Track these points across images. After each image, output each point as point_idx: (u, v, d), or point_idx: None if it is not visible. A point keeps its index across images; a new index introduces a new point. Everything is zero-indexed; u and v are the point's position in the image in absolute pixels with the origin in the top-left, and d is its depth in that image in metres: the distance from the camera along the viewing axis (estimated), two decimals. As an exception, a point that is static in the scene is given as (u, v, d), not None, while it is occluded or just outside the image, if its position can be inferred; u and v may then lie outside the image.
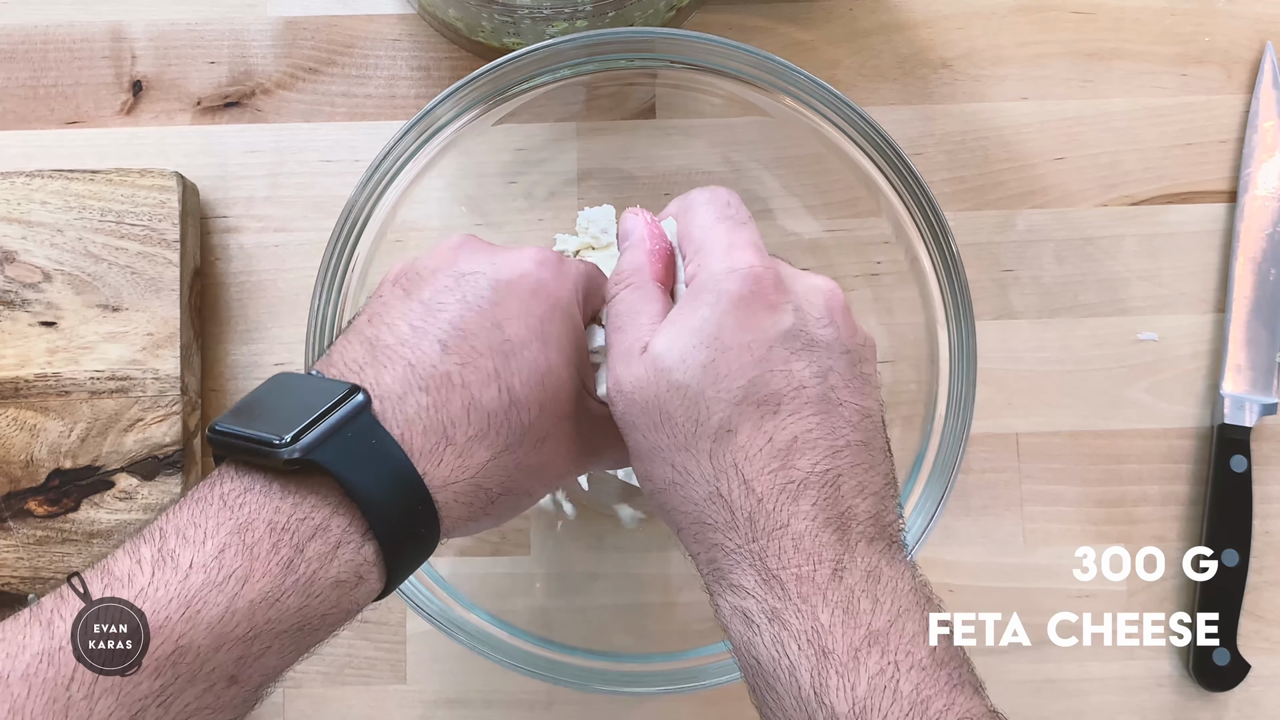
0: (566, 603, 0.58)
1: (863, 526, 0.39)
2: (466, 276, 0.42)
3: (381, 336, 0.41)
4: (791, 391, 0.40)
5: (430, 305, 0.41)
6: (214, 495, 0.37)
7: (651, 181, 0.60)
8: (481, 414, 0.40)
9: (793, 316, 0.41)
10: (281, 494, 0.36)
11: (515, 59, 0.52)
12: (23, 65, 0.62)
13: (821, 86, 0.52)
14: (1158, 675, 0.59)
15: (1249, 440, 0.59)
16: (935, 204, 0.52)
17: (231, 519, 0.36)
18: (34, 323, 0.57)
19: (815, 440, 0.39)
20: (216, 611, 0.34)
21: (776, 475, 0.39)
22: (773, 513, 0.39)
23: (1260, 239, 0.60)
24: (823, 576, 0.38)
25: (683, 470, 0.40)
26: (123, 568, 0.35)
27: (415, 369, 0.40)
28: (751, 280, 0.41)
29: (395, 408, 0.39)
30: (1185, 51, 0.62)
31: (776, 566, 0.38)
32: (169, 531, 0.36)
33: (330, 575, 0.36)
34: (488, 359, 0.40)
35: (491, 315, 0.41)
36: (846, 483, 0.39)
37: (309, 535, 0.36)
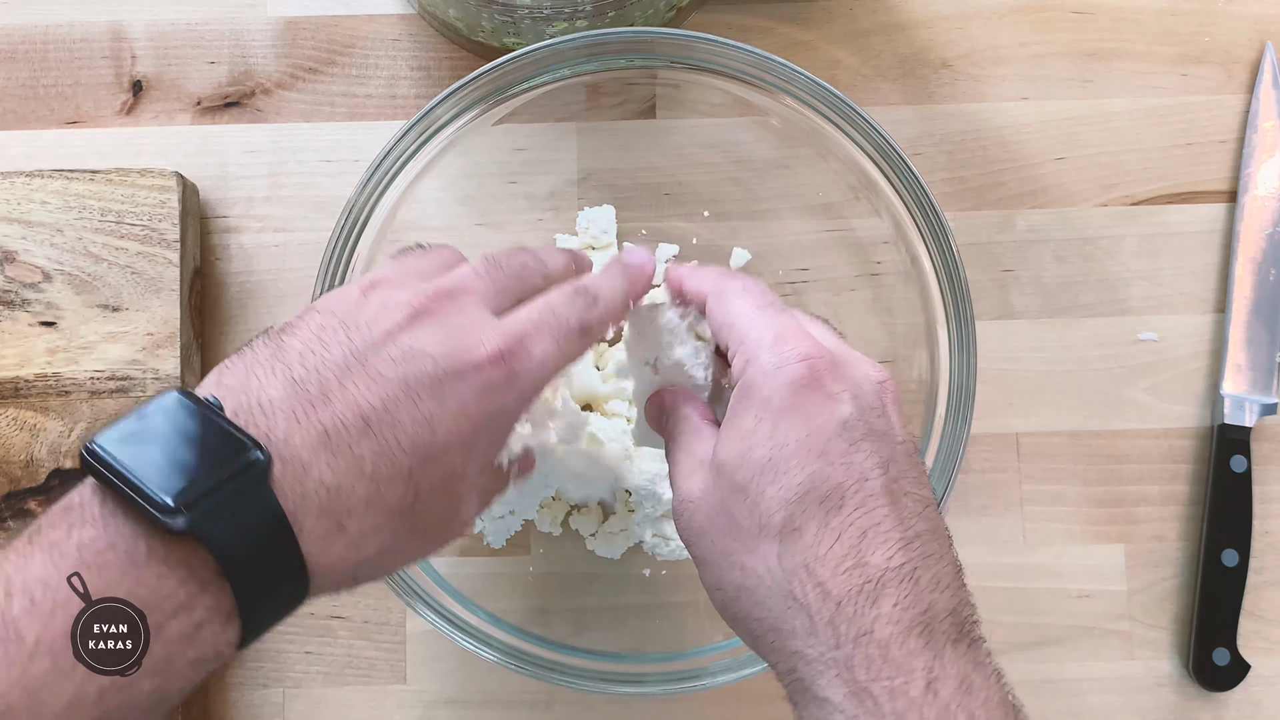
0: (566, 603, 0.58)
1: (945, 626, 0.37)
2: (415, 358, 0.38)
3: (307, 385, 0.36)
4: (855, 484, 0.38)
5: (370, 371, 0.37)
6: (70, 546, 0.32)
7: (651, 181, 0.60)
8: (381, 511, 0.37)
9: (851, 406, 0.40)
10: (147, 561, 0.32)
11: (515, 59, 0.52)
12: (23, 65, 0.62)
13: (821, 86, 0.52)
14: (1158, 675, 0.59)
15: (1249, 440, 0.59)
16: (935, 204, 0.52)
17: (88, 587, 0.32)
18: (34, 323, 0.57)
19: (886, 533, 0.38)
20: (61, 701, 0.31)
21: (852, 575, 0.37)
22: (854, 617, 0.37)
23: (1260, 239, 0.60)
24: (916, 690, 0.35)
25: (752, 574, 0.39)
26: None
27: (330, 440, 0.36)
28: (805, 371, 0.40)
29: (296, 479, 0.35)
30: (1185, 51, 0.62)
31: (865, 679, 0.36)
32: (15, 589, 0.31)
33: (189, 655, 0.33)
34: (406, 456, 0.37)
35: (427, 409, 0.37)
36: (923, 576, 0.37)
37: (170, 613, 0.33)
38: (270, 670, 0.58)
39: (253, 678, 0.58)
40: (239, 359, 0.38)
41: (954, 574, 0.38)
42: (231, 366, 0.38)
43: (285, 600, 0.36)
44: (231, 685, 0.58)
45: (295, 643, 0.58)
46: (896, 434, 0.41)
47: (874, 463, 0.39)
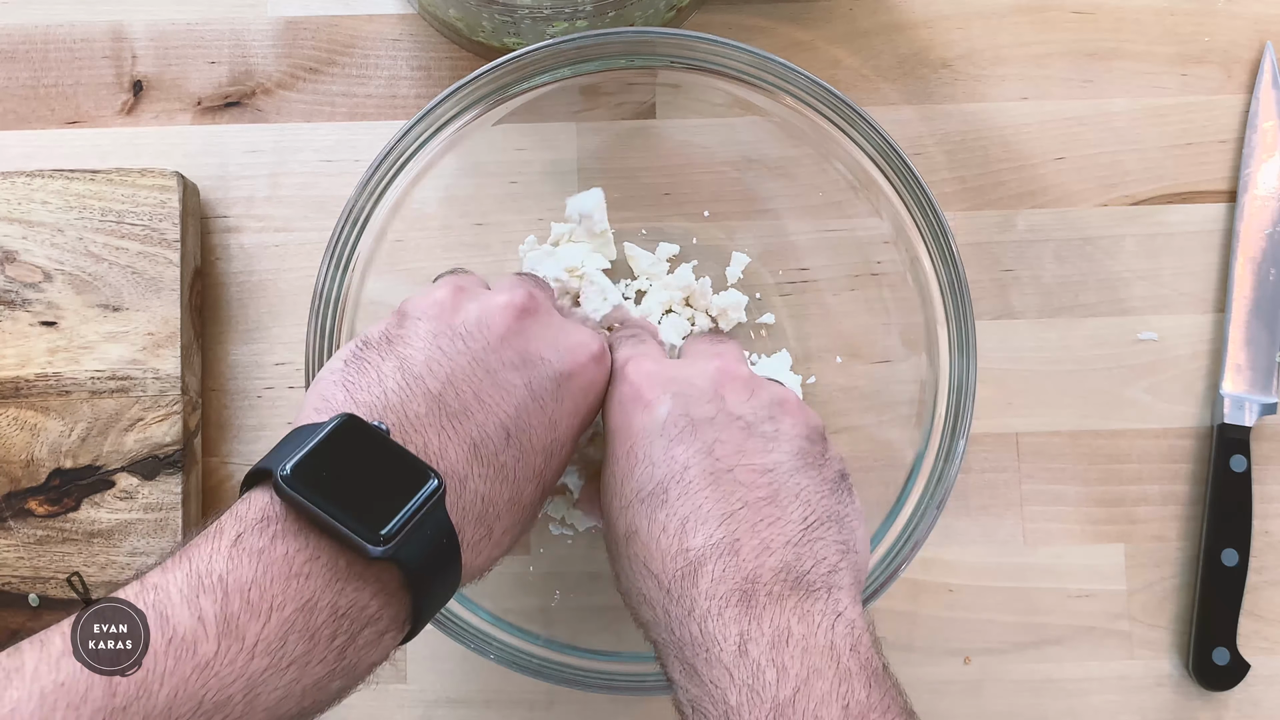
0: (566, 603, 0.58)
1: (770, 586, 0.38)
2: (534, 363, 0.41)
3: (446, 398, 0.39)
4: (676, 476, 0.40)
5: (498, 380, 0.40)
6: (276, 554, 0.35)
7: (651, 181, 0.60)
8: (519, 509, 0.40)
9: (668, 405, 0.42)
10: (348, 575, 0.35)
11: (515, 59, 0.52)
12: (23, 65, 0.62)
13: (821, 86, 0.52)
14: (1158, 675, 0.59)
15: (1249, 440, 0.59)
16: (935, 204, 0.52)
17: (297, 594, 0.34)
18: (34, 322, 0.57)
19: (706, 514, 0.39)
20: (276, 695, 0.34)
21: (676, 560, 0.39)
22: (679, 599, 0.38)
23: (1260, 239, 0.60)
24: (729, 655, 0.37)
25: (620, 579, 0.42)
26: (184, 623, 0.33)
27: (479, 451, 0.39)
28: (627, 386, 0.43)
29: (457, 493, 0.38)
30: (1185, 51, 0.62)
31: (690, 655, 0.38)
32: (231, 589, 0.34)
33: (370, 659, 0.37)
34: (538, 456, 0.41)
35: (551, 412, 0.41)
36: (745, 545, 0.39)
37: (364, 624, 0.36)
38: (270, 670, 0.58)
39: (253, 677, 0.58)
40: (360, 372, 0.40)
41: (797, 530, 0.39)
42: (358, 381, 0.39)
43: (441, 603, 0.39)
44: (232, 685, 0.58)
45: (295, 642, 0.58)
46: (732, 412, 0.42)
47: (694, 450, 0.41)
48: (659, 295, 0.57)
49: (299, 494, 0.35)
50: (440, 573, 0.37)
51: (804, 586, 0.38)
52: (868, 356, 0.58)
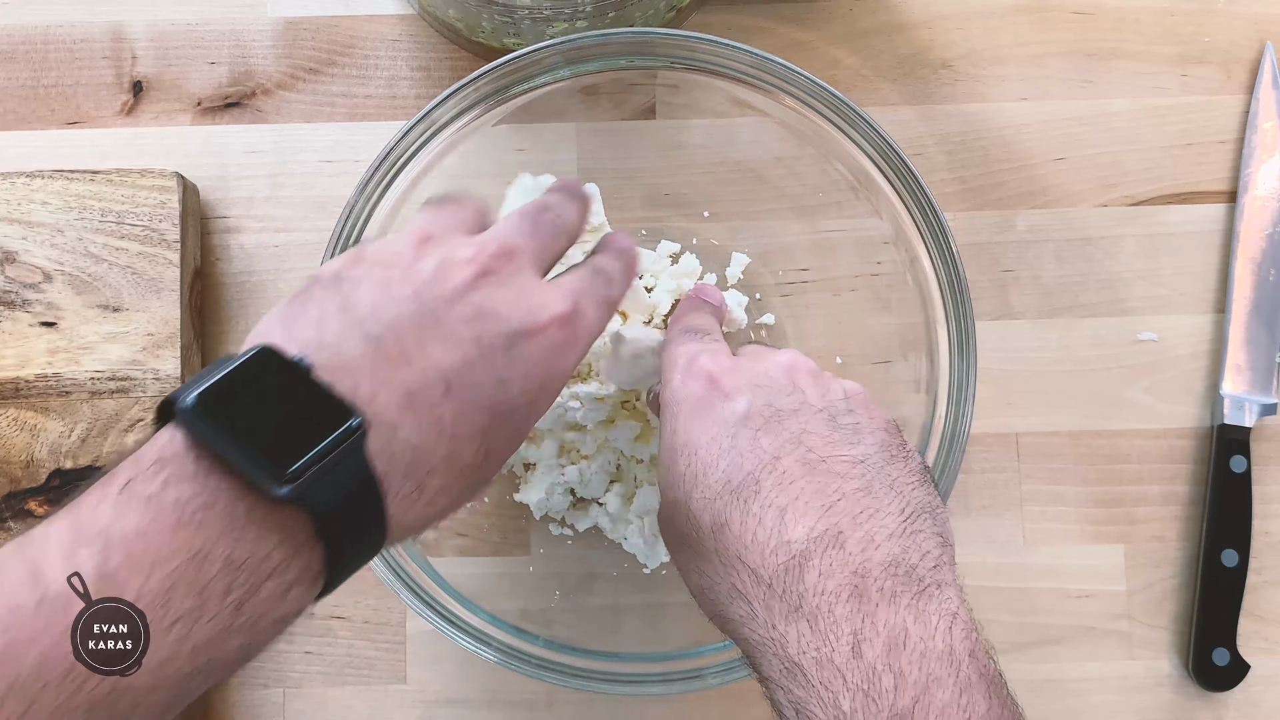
0: (566, 603, 0.58)
1: (880, 582, 0.36)
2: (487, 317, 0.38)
3: (385, 342, 0.36)
4: (767, 467, 0.39)
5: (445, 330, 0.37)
6: (167, 500, 0.32)
7: (651, 181, 0.60)
8: (456, 469, 0.37)
9: (749, 397, 0.41)
10: (245, 523, 0.32)
11: (515, 59, 0.52)
12: (23, 65, 0.62)
13: (821, 86, 0.52)
14: (1158, 675, 0.59)
15: (1249, 440, 0.59)
16: (935, 204, 0.52)
17: (186, 545, 0.32)
18: (34, 323, 0.57)
19: (805, 505, 0.38)
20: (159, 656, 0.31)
21: (777, 554, 0.38)
22: (783, 595, 0.37)
23: (1260, 239, 0.60)
24: (842, 656, 0.35)
25: (703, 575, 0.40)
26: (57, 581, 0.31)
27: (414, 401, 0.36)
28: (702, 379, 0.43)
29: (384, 441, 0.35)
30: (1185, 51, 0.62)
31: (796, 653, 0.36)
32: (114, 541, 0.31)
33: (277, 613, 0.34)
34: (481, 415, 0.38)
35: (500, 369, 0.38)
36: (850, 537, 0.37)
37: (265, 576, 0.33)
38: (270, 670, 0.58)
39: (253, 678, 0.58)
40: (301, 309, 0.37)
41: (899, 523, 0.38)
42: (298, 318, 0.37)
43: (363, 557, 0.36)
44: (231, 685, 0.58)
45: (295, 643, 0.59)
46: (814, 404, 0.41)
47: (783, 441, 0.40)
48: (667, 284, 0.57)
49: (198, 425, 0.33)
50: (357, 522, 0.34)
51: (915, 581, 0.37)
52: (868, 357, 0.58)
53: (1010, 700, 0.36)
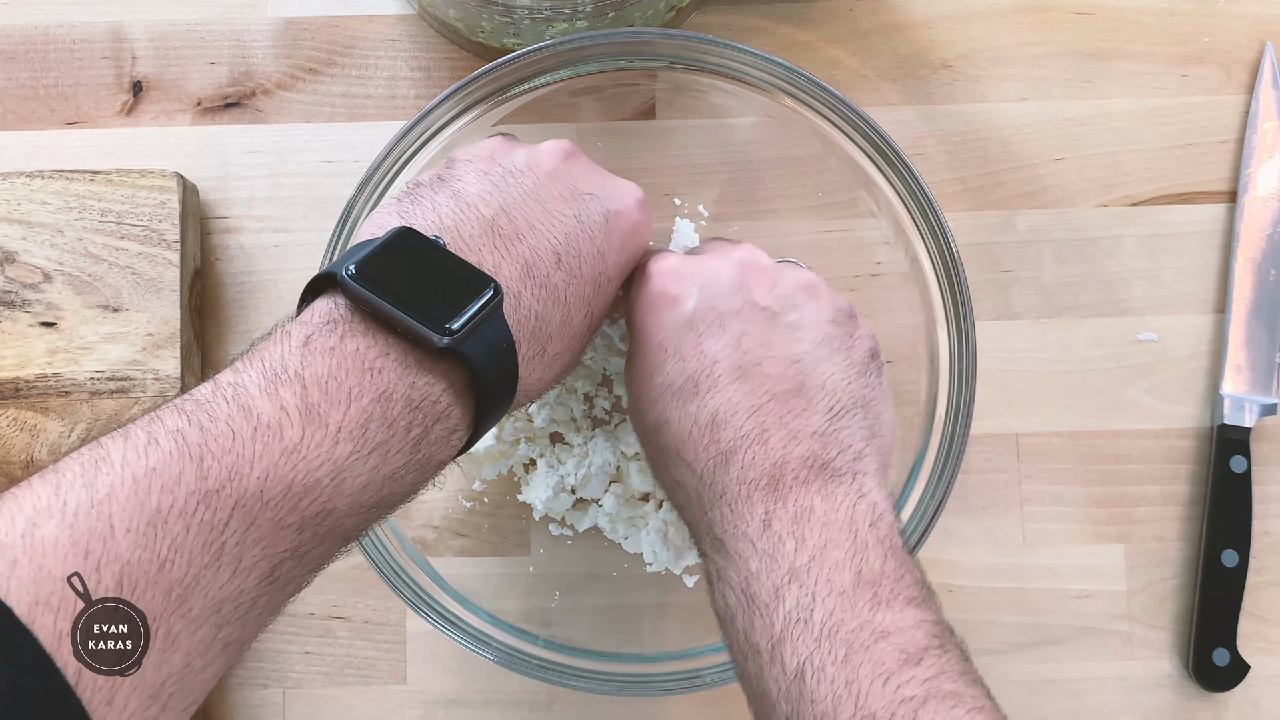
0: (566, 603, 0.58)
1: (797, 471, 0.40)
2: (583, 196, 0.43)
3: (499, 222, 0.40)
4: (706, 369, 0.42)
5: (549, 209, 0.42)
6: (348, 350, 0.36)
7: (651, 181, 0.60)
8: (568, 334, 0.42)
9: (694, 300, 0.43)
10: (418, 371, 0.36)
11: (515, 59, 0.52)
12: (23, 65, 0.62)
13: (821, 87, 0.52)
14: (1158, 675, 0.59)
15: (1249, 440, 0.59)
16: (935, 204, 0.52)
17: (373, 385, 0.35)
18: (34, 323, 0.57)
19: (736, 406, 0.41)
20: (360, 482, 0.35)
21: (709, 449, 0.41)
22: (711, 484, 0.41)
23: (1260, 239, 0.60)
24: (754, 529, 0.39)
25: (653, 464, 0.44)
26: (268, 412, 0.34)
27: (531, 272, 0.40)
28: (652, 282, 0.45)
29: (511, 308, 0.39)
30: (1185, 52, 0.62)
31: (720, 531, 0.40)
32: (309, 382, 0.35)
33: (441, 456, 0.38)
34: (587, 285, 0.42)
35: (599, 244, 0.42)
36: (774, 436, 0.41)
37: (435, 419, 0.37)
38: (270, 670, 0.58)
39: (253, 678, 0.58)
40: (414, 203, 0.41)
41: (823, 421, 0.41)
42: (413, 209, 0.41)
43: (499, 413, 0.40)
44: (231, 685, 0.58)
45: (295, 643, 0.59)
46: (758, 302, 0.44)
47: (724, 344, 0.42)
48: None
49: (365, 290, 0.36)
50: (501, 376, 0.38)
51: (829, 471, 0.40)
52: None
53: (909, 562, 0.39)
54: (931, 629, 0.37)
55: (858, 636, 0.36)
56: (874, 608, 0.37)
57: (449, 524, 0.59)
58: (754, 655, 0.38)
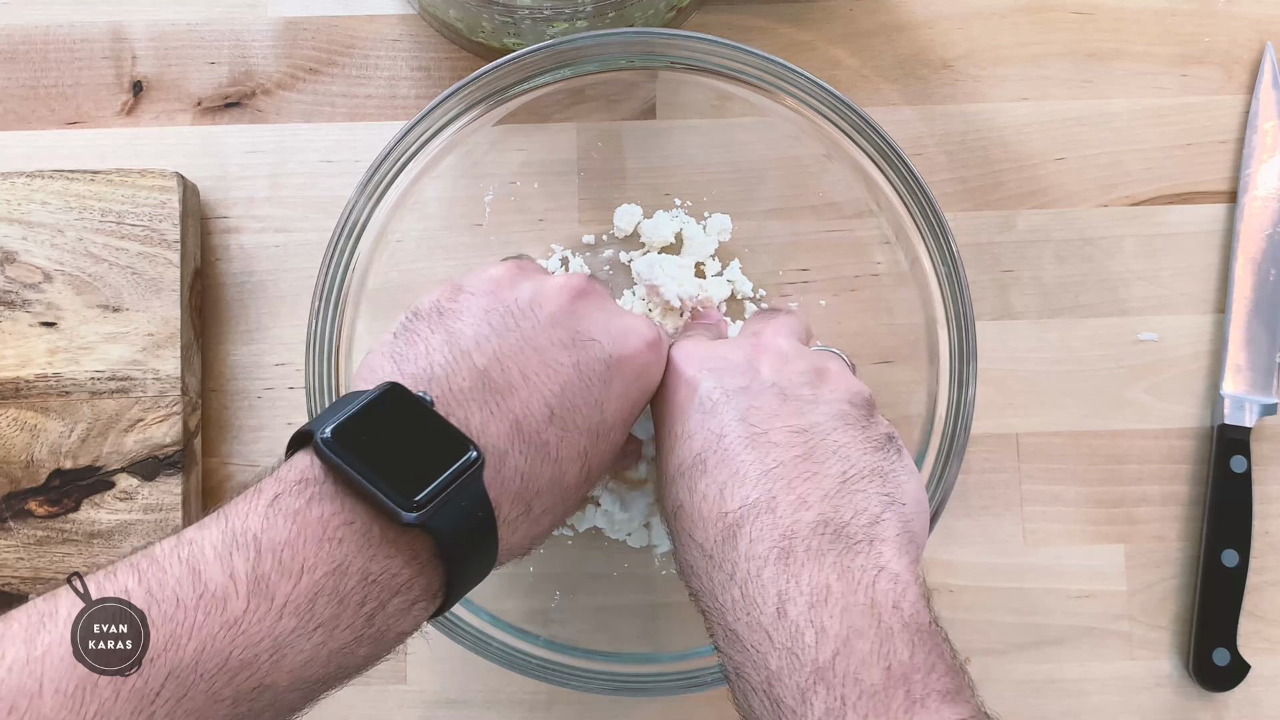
0: (566, 603, 0.58)
1: (808, 541, 0.37)
2: (583, 343, 0.41)
3: (491, 374, 0.39)
4: (713, 446, 0.40)
5: (546, 359, 0.40)
6: (312, 516, 0.35)
7: (651, 181, 0.60)
8: (560, 489, 0.40)
9: (706, 381, 0.42)
10: (380, 541, 0.35)
11: (515, 59, 0.52)
12: (23, 65, 0.62)
13: (821, 87, 0.52)
14: (1158, 675, 0.59)
15: (1249, 440, 0.59)
16: (935, 204, 0.52)
17: (329, 558, 0.34)
18: (34, 323, 0.57)
19: (743, 477, 0.39)
20: (301, 658, 0.34)
21: (715, 526, 0.39)
22: (720, 564, 0.38)
23: (1260, 239, 0.60)
24: (768, 617, 0.36)
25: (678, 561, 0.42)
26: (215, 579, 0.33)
27: (521, 429, 0.39)
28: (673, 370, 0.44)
29: (496, 468, 0.38)
30: (1185, 52, 0.62)
31: (732, 619, 0.37)
32: (264, 548, 0.34)
33: (399, 628, 0.37)
34: (582, 437, 0.40)
35: (598, 392, 0.41)
36: (782, 501, 0.38)
37: (394, 592, 0.36)
38: (270, 670, 0.58)
39: (253, 678, 0.58)
40: (409, 343, 0.40)
41: (834, 484, 0.39)
42: (406, 352, 0.40)
43: (476, 578, 0.39)
44: (232, 685, 0.58)
45: (295, 643, 0.58)
46: (765, 380, 0.42)
47: (731, 418, 0.41)
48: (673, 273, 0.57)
49: (337, 456, 0.35)
50: (475, 545, 0.37)
51: (844, 539, 0.37)
52: (868, 357, 0.58)
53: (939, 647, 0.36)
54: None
55: None
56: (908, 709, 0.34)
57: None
58: None
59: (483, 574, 0.39)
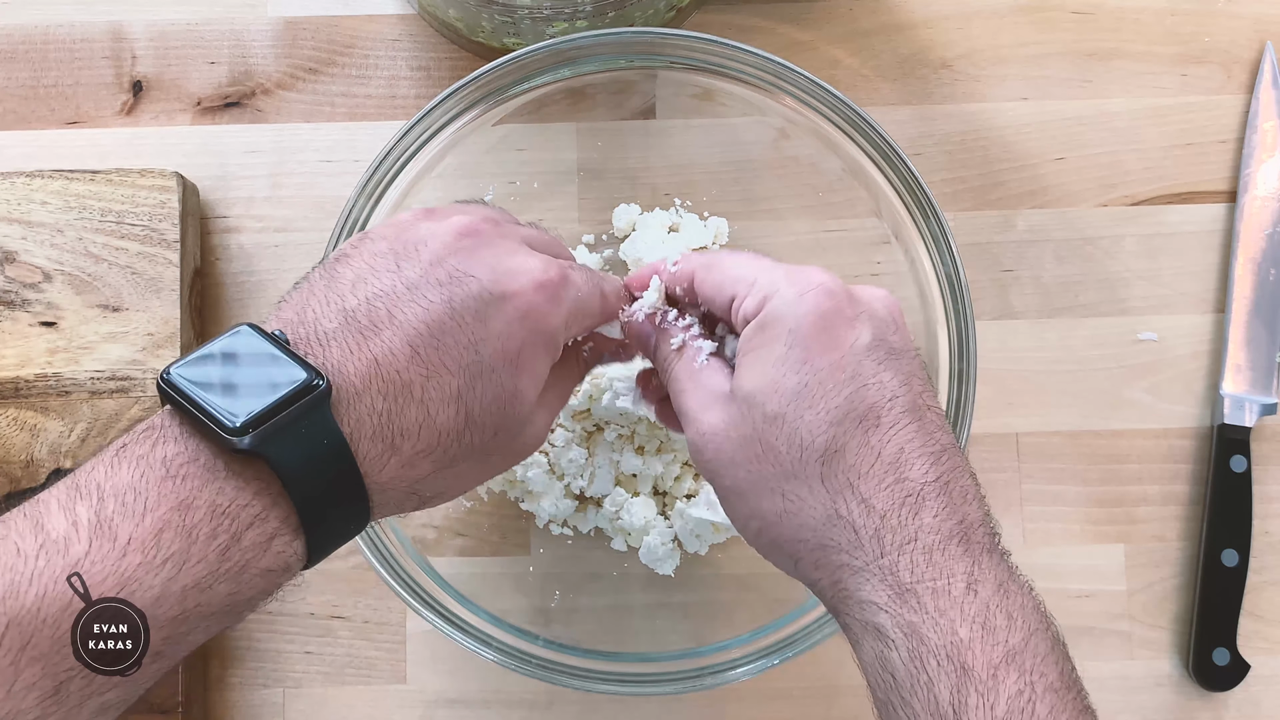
0: (566, 603, 0.58)
1: (980, 535, 0.39)
2: (460, 280, 0.40)
3: (358, 315, 0.39)
4: (887, 402, 0.40)
5: (416, 297, 0.39)
6: (156, 458, 0.35)
7: (651, 181, 0.60)
8: (433, 432, 0.39)
9: (871, 327, 0.41)
10: (226, 474, 0.35)
11: (515, 59, 0.52)
12: (23, 65, 0.62)
13: (821, 86, 0.52)
14: (1158, 675, 0.59)
15: (1249, 440, 0.59)
16: (935, 204, 0.52)
17: (173, 493, 0.34)
18: (34, 323, 0.57)
19: (919, 449, 0.39)
20: (150, 595, 0.33)
21: (894, 490, 0.39)
22: (898, 528, 0.38)
23: (1260, 239, 0.60)
24: (958, 590, 0.37)
25: (795, 498, 0.40)
26: (58, 527, 0.33)
27: (380, 368, 0.38)
28: (826, 297, 0.41)
29: (350, 405, 0.37)
30: (1185, 51, 0.62)
31: (911, 580, 0.38)
32: (107, 493, 0.34)
33: (261, 565, 0.36)
34: (454, 377, 0.39)
35: (472, 331, 0.39)
36: (954, 489, 0.39)
37: (247, 524, 0.35)
38: (270, 670, 0.58)
39: (253, 678, 0.58)
40: (296, 293, 0.40)
41: (976, 487, 0.40)
42: (289, 300, 0.40)
43: (347, 517, 0.38)
44: (231, 685, 0.58)
45: (295, 643, 0.59)
46: (910, 350, 0.42)
47: (899, 380, 0.41)
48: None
49: (173, 391, 0.36)
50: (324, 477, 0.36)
51: (998, 545, 0.40)
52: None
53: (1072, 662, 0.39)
54: None
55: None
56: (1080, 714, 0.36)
57: (449, 523, 0.59)
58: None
59: (352, 514, 0.38)
